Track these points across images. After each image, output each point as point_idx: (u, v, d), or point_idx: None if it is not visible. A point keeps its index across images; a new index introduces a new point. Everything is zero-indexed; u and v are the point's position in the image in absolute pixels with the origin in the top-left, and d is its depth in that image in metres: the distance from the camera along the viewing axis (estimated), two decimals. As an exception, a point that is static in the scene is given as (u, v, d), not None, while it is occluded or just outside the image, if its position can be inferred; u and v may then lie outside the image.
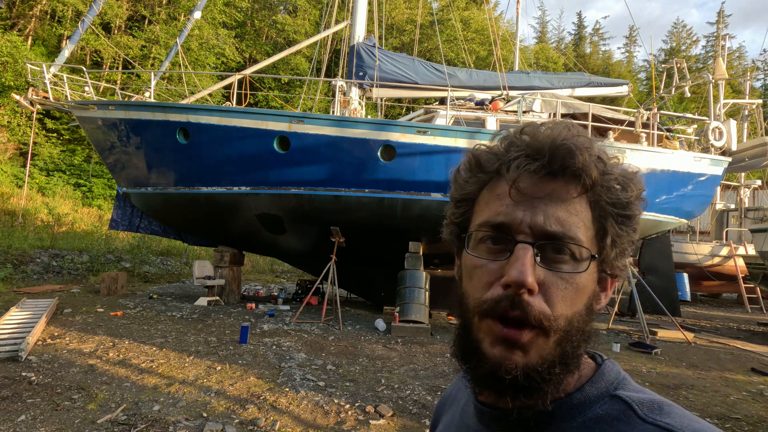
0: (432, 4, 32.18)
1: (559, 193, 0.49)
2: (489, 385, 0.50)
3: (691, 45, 49.46)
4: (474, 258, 0.51)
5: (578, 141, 0.50)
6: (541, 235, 0.48)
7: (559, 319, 0.47)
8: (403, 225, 7.92)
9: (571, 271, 0.48)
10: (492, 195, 0.53)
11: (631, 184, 0.52)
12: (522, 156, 0.50)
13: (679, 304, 10.21)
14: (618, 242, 0.52)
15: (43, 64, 8.40)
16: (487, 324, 0.48)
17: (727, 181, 17.34)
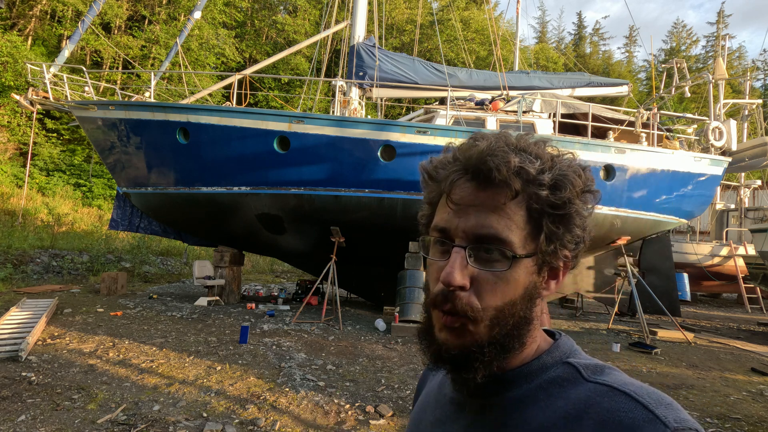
0: (432, 4, 32.17)
1: (491, 200, 0.56)
2: (437, 361, 0.58)
3: (691, 45, 49.47)
4: (429, 258, 0.61)
5: (500, 157, 0.55)
6: (473, 239, 0.56)
7: (487, 309, 0.55)
8: (403, 225, 7.92)
9: (500, 269, 0.55)
10: (443, 202, 0.60)
11: (566, 185, 0.56)
12: (456, 171, 0.58)
13: (679, 304, 10.20)
14: (554, 238, 0.57)
15: (43, 64, 8.40)
16: (436, 313, 0.57)
17: (727, 181, 17.33)
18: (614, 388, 0.52)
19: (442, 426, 0.65)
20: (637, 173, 8.25)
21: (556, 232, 0.57)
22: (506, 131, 0.61)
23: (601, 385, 0.53)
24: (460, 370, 0.57)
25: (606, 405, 0.50)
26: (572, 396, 0.54)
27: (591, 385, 0.53)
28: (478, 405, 0.61)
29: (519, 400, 0.57)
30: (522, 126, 8.36)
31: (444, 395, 0.67)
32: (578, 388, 0.54)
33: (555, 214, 0.56)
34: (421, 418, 0.70)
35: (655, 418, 0.46)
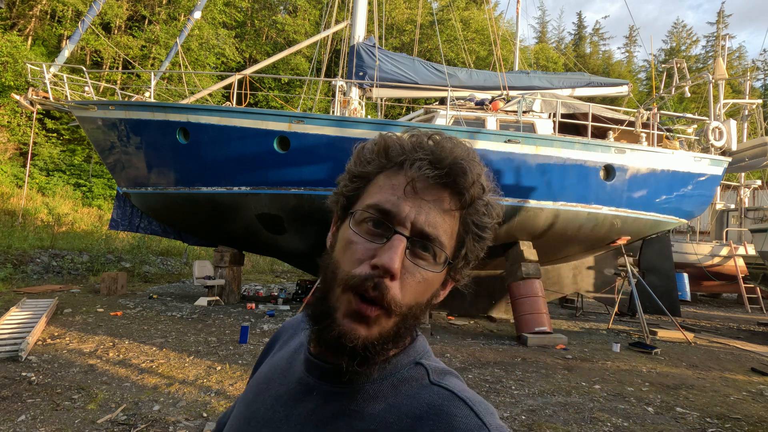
0: (432, 4, 32.17)
1: (442, 202, 0.57)
2: (331, 348, 0.56)
3: (691, 45, 49.48)
4: (354, 234, 0.57)
5: (473, 165, 0.58)
6: (417, 233, 0.55)
7: (404, 306, 0.55)
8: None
9: (428, 269, 0.56)
10: (387, 182, 0.58)
11: (493, 212, 0.62)
12: (426, 160, 0.57)
13: (679, 304, 10.21)
14: (469, 256, 0.61)
15: (43, 64, 8.40)
16: (347, 296, 0.54)
17: (727, 181, 17.34)
18: (455, 394, 0.56)
19: (284, 406, 0.62)
20: (637, 173, 8.25)
21: (472, 251, 0.61)
22: (466, 141, 0.62)
23: (444, 389, 0.57)
24: (354, 362, 0.55)
25: (446, 409, 0.55)
26: (418, 396, 0.57)
27: (436, 389, 0.57)
28: (326, 391, 0.60)
29: (369, 393, 0.58)
30: (522, 126, 8.36)
31: (293, 373, 0.65)
32: (424, 390, 0.58)
33: (478, 236, 0.61)
34: (262, 390, 0.67)
35: (483, 425, 0.53)
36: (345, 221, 0.60)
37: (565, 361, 5.86)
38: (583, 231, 8.27)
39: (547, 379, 4.93)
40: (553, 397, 4.34)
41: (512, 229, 8.05)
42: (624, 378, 5.16)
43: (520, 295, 7.29)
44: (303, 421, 0.59)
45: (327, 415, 0.58)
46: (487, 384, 4.63)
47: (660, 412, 4.10)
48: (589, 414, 3.93)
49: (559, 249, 8.85)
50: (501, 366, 5.41)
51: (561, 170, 7.96)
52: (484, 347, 6.43)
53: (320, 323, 0.56)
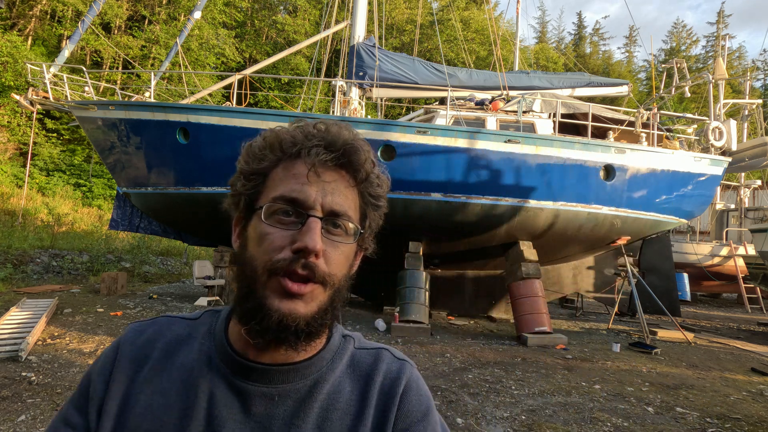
0: (432, 4, 32.17)
1: (341, 181, 0.63)
2: (274, 335, 0.58)
3: (691, 45, 49.47)
4: (267, 226, 0.60)
5: (361, 143, 0.64)
6: (328, 212, 0.61)
7: (334, 276, 0.60)
8: (403, 225, 7.92)
9: (344, 242, 0.62)
10: (288, 174, 0.62)
11: (384, 182, 0.69)
12: (321, 146, 0.62)
13: (679, 304, 10.20)
14: (372, 225, 0.69)
15: (43, 64, 8.39)
16: (275, 281, 0.57)
17: (727, 181, 17.33)
18: (376, 348, 0.71)
19: (222, 427, 0.59)
20: (637, 173, 8.24)
21: (373, 220, 0.68)
22: (342, 123, 0.66)
23: (365, 349, 0.71)
24: (300, 339, 0.59)
25: (388, 361, 0.69)
26: (359, 360, 0.69)
27: (357, 351, 0.70)
28: (289, 391, 0.62)
29: (326, 375, 0.65)
30: (522, 126, 8.36)
31: (215, 388, 0.62)
32: (349, 351, 0.69)
33: (376, 205, 0.68)
34: (165, 420, 0.60)
35: (403, 360, 0.71)
36: (252, 218, 0.63)
37: (565, 361, 5.86)
38: (583, 231, 8.27)
39: (547, 379, 4.93)
40: (553, 397, 4.34)
41: (512, 229, 8.05)
42: (624, 378, 5.16)
43: (520, 295, 7.29)
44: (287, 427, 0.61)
45: (286, 418, 0.61)
46: (487, 384, 4.63)
47: (660, 412, 4.10)
48: (589, 414, 3.93)
49: (559, 249, 8.85)
50: (501, 366, 5.41)
51: (561, 170, 7.96)
52: (484, 347, 6.43)
53: (255, 317, 0.58)
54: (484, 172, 7.83)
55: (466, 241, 8.39)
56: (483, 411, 3.86)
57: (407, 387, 0.67)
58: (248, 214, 0.65)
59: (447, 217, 7.87)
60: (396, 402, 0.65)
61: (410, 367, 0.70)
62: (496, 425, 3.59)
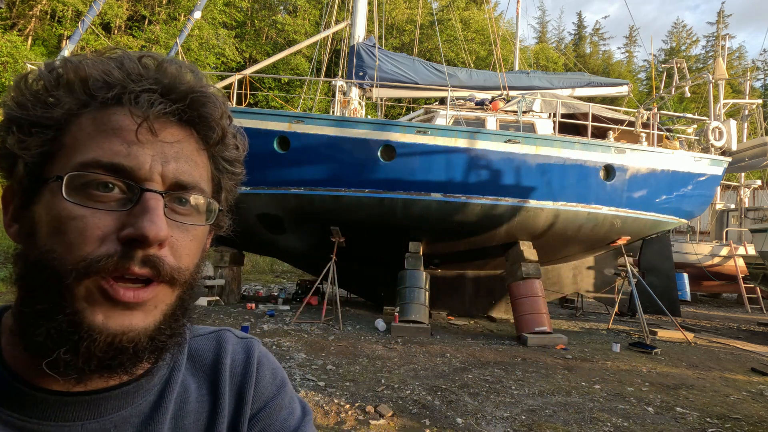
0: (432, 4, 32.18)
1: (189, 141, 0.46)
2: (102, 363, 0.40)
3: (691, 45, 49.48)
4: (73, 206, 0.40)
5: (214, 92, 0.48)
6: (173, 185, 0.44)
7: (185, 271, 0.45)
8: (403, 225, 7.92)
9: (196, 223, 0.47)
10: (101, 128, 0.42)
11: (241, 143, 0.53)
12: (156, 92, 0.43)
13: (679, 304, 10.21)
14: (229, 198, 0.54)
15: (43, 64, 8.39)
16: (94, 286, 0.40)
17: (727, 181, 17.33)
18: (214, 332, 0.60)
19: None
20: (637, 173, 8.25)
21: (230, 192, 0.54)
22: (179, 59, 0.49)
23: (205, 335, 0.59)
24: (139, 362, 0.43)
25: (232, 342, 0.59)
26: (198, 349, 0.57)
27: (201, 338, 0.58)
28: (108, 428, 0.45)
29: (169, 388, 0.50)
30: (522, 126, 8.36)
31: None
32: (194, 342, 0.57)
33: (233, 173, 0.53)
34: None
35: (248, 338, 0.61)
36: (41, 194, 0.42)
37: (565, 361, 5.86)
38: (583, 231, 8.28)
39: (547, 379, 4.93)
40: (553, 397, 4.34)
41: (512, 229, 8.05)
42: (624, 378, 5.16)
43: (520, 295, 7.29)
44: None
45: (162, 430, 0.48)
46: (487, 384, 4.63)
47: (660, 412, 4.10)
48: (589, 414, 3.93)
49: (559, 249, 8.85)
50: (501, 366, 5.42)
51: (561, 170, 7.96)
52: (484, 347, 6.43)
53: (65, 343, 0.39)
54: (484, 172, 7.83)
55: (466, 241, 8.39)
56: (483, 411, 3.86)
57: (259, 364, 0.58)
58: (32, 187, 0.43)
59: (447, 217, 7.87)
60: (252, 383, 0.56)
61: (257, 343, 0.61)
62: (496, 425, 3.59)
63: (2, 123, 0.44)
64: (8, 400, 0.42)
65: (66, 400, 0.44)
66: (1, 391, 0.42)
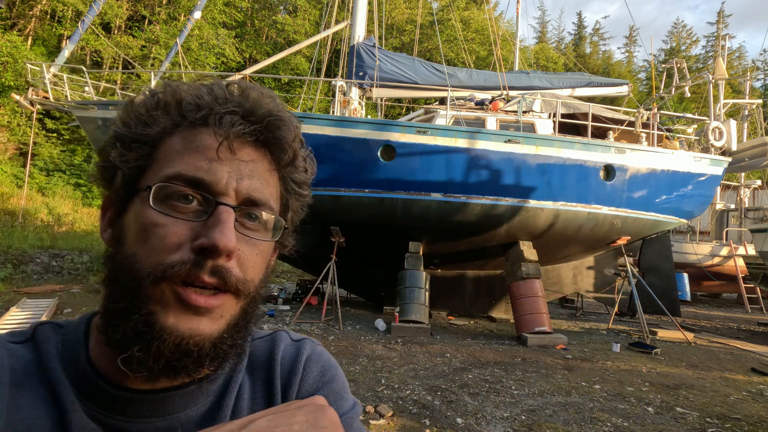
0: (432, 4, 32.18)
1: (262, 162, 0.50)
2: (169, 363, 0.43)
3: (691, 45, 49.48)
4: (158, 214, 0.44)
5: (290, 116, 0.51)
6: (245, 200, 0.47)
7: (250, 283, 0.48)
8: (403, 225, 7.91)
9: (263, 239, 0.50)
10: (188, 146, 0.47)
11: (310, 167, 0.56)
12: (237, 114, 0.48)
13: (679, 304, 10.21)
14: (294, 218, 0.57)
15: (43, 64, 8.39)
16: (168, 290, 0.43)
17: (727, 181, 17.33)
18: (270, 334, 0.63)
19: None
20: (637, 173, 8.25)
21: (296, 213, 0.57)
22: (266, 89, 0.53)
23: (263, 337, 0.61)
24: (203, 367, 0.45)
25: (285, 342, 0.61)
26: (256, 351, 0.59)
27: (260, 341, 0.60)
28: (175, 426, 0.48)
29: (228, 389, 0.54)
30: (522, 126, 8.36)
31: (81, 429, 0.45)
32: (253, 346, 0.59)
33: (300, 195, 0.56)
34: None
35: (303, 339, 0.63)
36: (132, 202, 0.47)
37: (565, 361, 5.86)
38: (583, 231, 8.27)
39: (547, 379, 4.93)
40: (553, 397, 4.34)
41: (512, 229, 8.05)
42: (624, 378, 5.16)
43: (520, 295, 7.29)
44: None
45: None
46: (487, 384, 4.63)
47: (660, 412, 4.10)
48: (589, 414, 3.93)
49: (559, 249, 8.85)
50: (501, 366, 5.42)
51: (561, 170, 7.96)
52: (484, 347, 6.43)
53: (139, 341, 0.42)
54: (484, 172, 7.83)
55: (466, 241, 8.39)
56: (483, 411, 3.86)
57: (308, 361, 0.59)
58: (127, 196, 0.48)
59: (447, 217, 7.87)
60: (297, 378, 0.57)
61: (310, 343, 0.62)
62: (496, 425, 3.59)
63: (109, 139, 0.49)
64: (94, 396, 0.46)
65: (138, 397, 0.47)
66: (88, 387, 0.47)
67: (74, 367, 0.48)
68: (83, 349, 0.49)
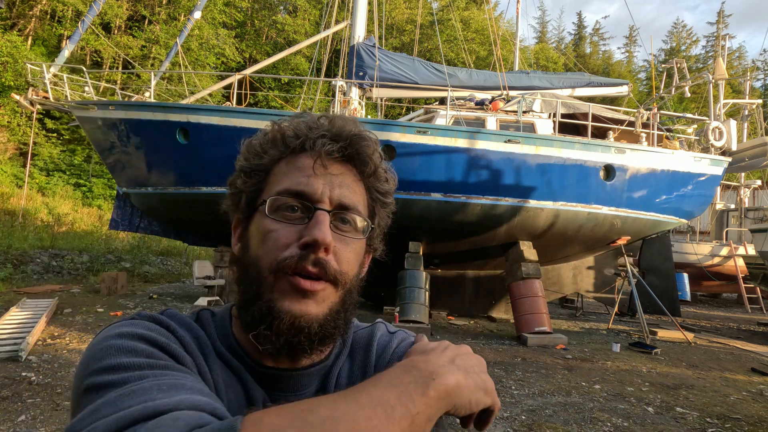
0: (432, 4, 32.18)
1: (349, 174, 0.61)
2: (287, 339, 0.54)
3: (691, 45, 49.48)
4: (272, 221, 0.57)
5: (370, 135, 0.62)
6: (337, 206, 0.58)
7: (345, 275, 0.57)
8: (403, 225, 7.91)
9: (354, 237, 0.60)
10: (292, 167, 0.60)
11: (391, 179, 0.66)
12: (327, 137, 0.59)
13: (679, 304, 10.20)
14: (381, 224, 0.66)
15: (43, 64, 8.40)
16: (284, 280, 0.54)
17: (727, 181, 17.32)
18: (371, 325, 0.74)
19: None
20: (637, 173, 8.25)
21: (382, 218, 0.66)
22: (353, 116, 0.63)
23: (364, 328, 0.73)
24: (314, 343, 0.56)
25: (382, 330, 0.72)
26: (357, 339, 0.70)
27: (361, 331, 0.72)
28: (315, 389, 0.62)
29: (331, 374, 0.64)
30: (522, 126, 8.36)
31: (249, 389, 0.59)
32: (354, 335, 0.70)
33: (384, 203, 0.65)
34: None
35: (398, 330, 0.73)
36: (254, 217, 0.60)
37: (565, 361, 5.86)
38: (583, 231, 8.27)
39: (547, 379, 4.93)
40: (553, 397, 4.34)
41: (512, 229, 8.05)
42: (624, 378, 5.16)
43: (520, 295, 7.29)
44: None
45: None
46: (487, 384, 4.63)
47: (660, 412, 4.10)
48: (589, 414, 3.93)
49: (559, 249, 8.85)
50: (501, 366, 5.42)
51: (561, 170, 7.96)
52: (484, 347, 6.43)
53: (264, 321, 0.55)
54: (484, 172, 7.83)
55: (466, 241, 8.39)
56: (483, 411, 3.86)
57: (398, 346, 0.68)
58: (250, 213, 0.62)
59: (447, 217, 7.87)
60: (388, 354, 0.67)
61: (403, 333, 0.71)
62: (496, 425, 3.59)
63: (236, 172, 0.63)
64: (258, 376, 0.59)
65: (275, 373, 0.60)
66: (241, 362, 0.59)
67: (228, 344, 0.61)
68: (230, 331, 0.62)
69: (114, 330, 0.52)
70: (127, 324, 0.54)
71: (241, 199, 0.62)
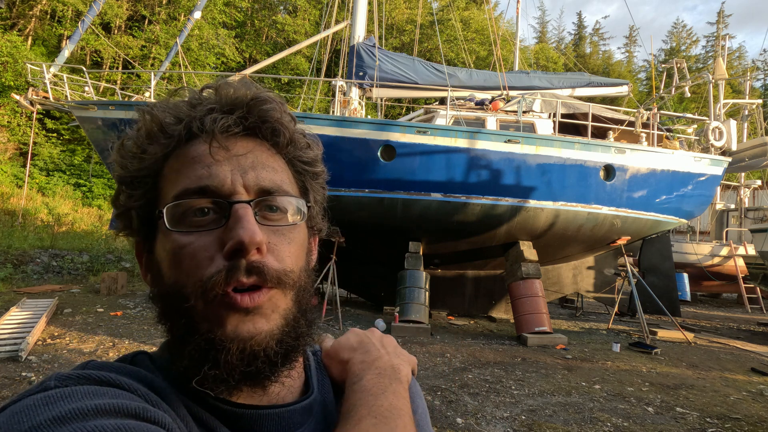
0: (432, 4, 32.17)
1: (260, 150, 0.48)
2: (245, 371, 0.43)
3: (691, 45, 49.47)
4: (180, 235, 0.44)
5: (271, 95, 0.50)
6: (257, 192, 0.46)
7: (291, 273, 0.46)
8: (403, 225, 7.91)
9: (289, 224, 0.47)
10: (184, 161, 0.46)
11: (313, 143, 0.54)
12: (217, 111, 0.46)
13: (679, 304, 10.19)
14: (318, 199, 0.54)
15: (43, 64, 8.39)
16: (218, 303, 0.42)
17: (727, 181, 17.32)
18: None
19: None
20: (637, 173, 8.25)
21: (316, 191, 0.54)
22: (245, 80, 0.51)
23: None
24: (278, 366, 0.44)
25: None
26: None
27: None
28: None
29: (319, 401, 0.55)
30: (522, 126, 8.36)
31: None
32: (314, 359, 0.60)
33: (313, 173, 0.53)
34: None
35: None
36: (157, 236, 0.47)
37: (565, 361, 5.86)
38: (583, 231, 8.27)
39: (547, 379, 4.93)
40: (553, 397, 4.34)
41: (512, 229, 8.05)
42: (624, 378, 5.16)
43: (520, 295, 7.29)
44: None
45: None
46: (487, 384, 4.63)
47: (660, 412, 4.10)
48: (589, 414, 3.93)
49: (559, 249, 8.85)
50: (501, 366, 5.41)
51: (561, 170, 7.96)
52: (484, 347, 6.43)
53: (206, 359, 0.42)
54: (484, 172, 7.83)
55: (466, 241, 8.39)
56: (483, 411, 3.86)
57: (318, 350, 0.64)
58: (149, 233, 0.48)
59: (447, 217, 7.87)
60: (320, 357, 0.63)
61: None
62: (496, 425, 3.59)
63: (116, 188, 0.50)
64: (216, 414, 0.46)
65: (252, 413, 0.47)
66: (208, 408, 0.46)
67: (184, 391, 0.46)
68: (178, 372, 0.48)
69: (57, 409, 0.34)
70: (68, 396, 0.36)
71: (131, 218, 0.49)
